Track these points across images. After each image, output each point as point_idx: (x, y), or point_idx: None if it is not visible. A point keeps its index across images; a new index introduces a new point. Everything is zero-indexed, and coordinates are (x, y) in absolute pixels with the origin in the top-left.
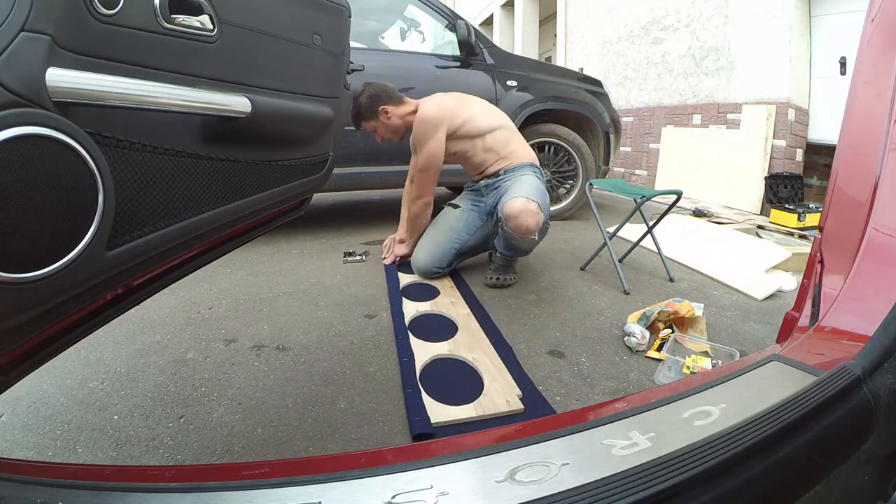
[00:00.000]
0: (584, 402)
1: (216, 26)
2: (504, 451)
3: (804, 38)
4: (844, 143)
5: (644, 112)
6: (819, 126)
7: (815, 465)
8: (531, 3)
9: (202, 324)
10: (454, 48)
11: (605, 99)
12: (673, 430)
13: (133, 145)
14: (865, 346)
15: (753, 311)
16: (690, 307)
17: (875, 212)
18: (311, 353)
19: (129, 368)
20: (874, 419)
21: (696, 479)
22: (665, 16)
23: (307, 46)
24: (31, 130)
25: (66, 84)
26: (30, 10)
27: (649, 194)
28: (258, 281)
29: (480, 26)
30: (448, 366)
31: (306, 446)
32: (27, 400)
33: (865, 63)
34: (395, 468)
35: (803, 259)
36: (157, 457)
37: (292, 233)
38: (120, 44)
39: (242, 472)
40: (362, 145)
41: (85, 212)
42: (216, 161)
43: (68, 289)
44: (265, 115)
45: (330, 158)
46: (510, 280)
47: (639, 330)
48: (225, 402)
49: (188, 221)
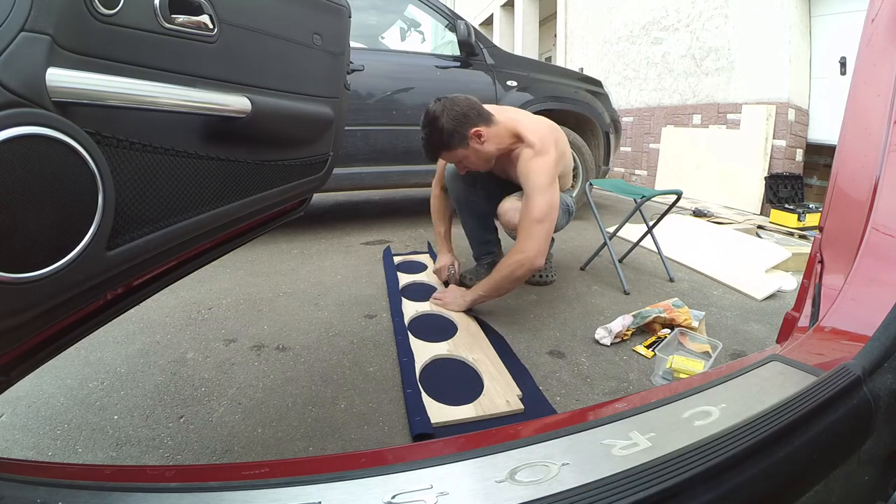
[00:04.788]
0: (584, 402)
1: (216, 26)
2: (504, 451)
3: (804, 38)
4: (844, 143)
5: (644, 112)
6: (819, 126)
7: (815, 465)
8: (531, 3)
9: (202, 324)
10: (454, 48)
11: (605, 99)
12: (673, 430)
13: (133, 145)
14: (865, 346)
15: (753, 311)
16: (688, 316)
17: (875, 212)
18: (311, 353)
19: (129, 368)
20: (874, 419)
21: (696, 479)
22: (665, 16)
23: (307, 46)
24: (31, 130)
25: (66, 84)
26: (30, 10)
27: (649, 194)
28: (258, 281)
29: (480, 26)
30: (448, 366)
31: (306, 446)
32: (27, 400)
33: (865, 63)
34: (395, 468)
35: (803, 259)
36: (157, 457)
37: (292, 233)
38: (120, 44)
39: (242, 472)
40: (362, 145)
41: (85, 212)
42: (216, 161)
43: (68, 289)
44: (265, 115)
45: (330, 158)
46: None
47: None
48: (225, 402)
49: (188, 221)
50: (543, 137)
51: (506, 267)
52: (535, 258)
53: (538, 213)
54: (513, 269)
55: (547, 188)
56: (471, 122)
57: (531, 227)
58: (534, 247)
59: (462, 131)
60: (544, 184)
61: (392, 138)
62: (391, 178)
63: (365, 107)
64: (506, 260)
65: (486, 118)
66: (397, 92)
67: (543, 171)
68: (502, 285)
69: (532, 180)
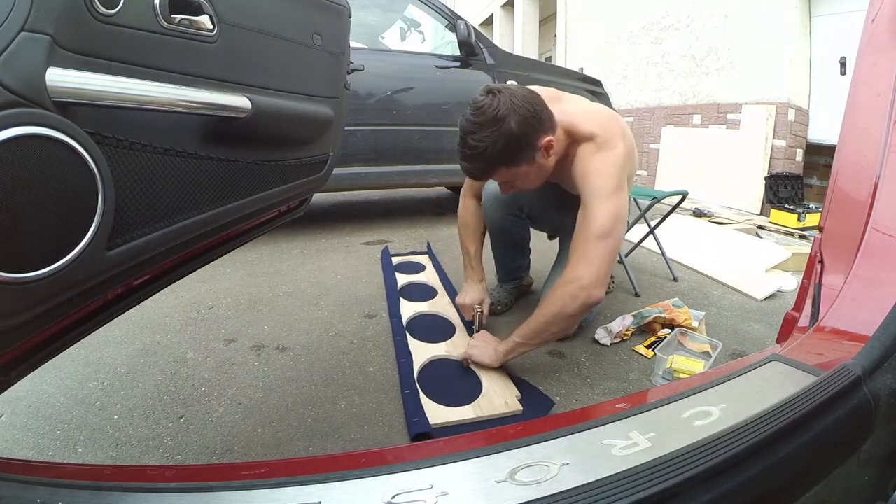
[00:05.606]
0: (584, 402)
1: (216, 26)
2: (504, 452)
3: (804, 38)
4: (844, 143)
5: (644, 112)
6: (819, 126)
7: (815, 465)
8: (531, 3)
9: (202, 324)
10: (454, 48)
11: (606, 99)
12: (673, 430)
13: (133, 145)
14: (865, 346)
15: (753, 311)
16: (688, 316)
17: (875, 212)
18: (311, 353)
19: (129, 368)
20: (874, 419)
21: (696, 479)
22: (665, 16)
23: (307, 46)
24: (31, 130)
25: (66, 84)
26: (30, 10)
27: (659, 196)
28: (258, 281)
29: (480, 26)
30: (446, 367)
31: (306, 446)
32: (27, 400)
33: (865, 63)
34: (395, 468)
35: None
36: (157, 457)
37: (292, 233)
38: (120, 43)
39: (242, 472)
40: (362, 145)
41: (85, 212)
42: (216, 161)
43: (68, 289)
44: (265, 114)
45: (330, 158)
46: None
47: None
48: (225, 402)
49: (188, 221)
50: (606, 126)
51: (553, 302)
52: (593, 288)
53: (599, 228)
54: (562, 305)
55: (612, 193)
56: (543, 127)
57: (589, 246)
58: (591, 272)
59: (533, 141)
60: (608, 188)
61: (392, 138)
62: (391, 178)
63: (365, 107)
64: (553, 293)
65: (552, 121)
66: (397, 92)
67: (607, 170)
68: (548, 329)
69: (592, 184)
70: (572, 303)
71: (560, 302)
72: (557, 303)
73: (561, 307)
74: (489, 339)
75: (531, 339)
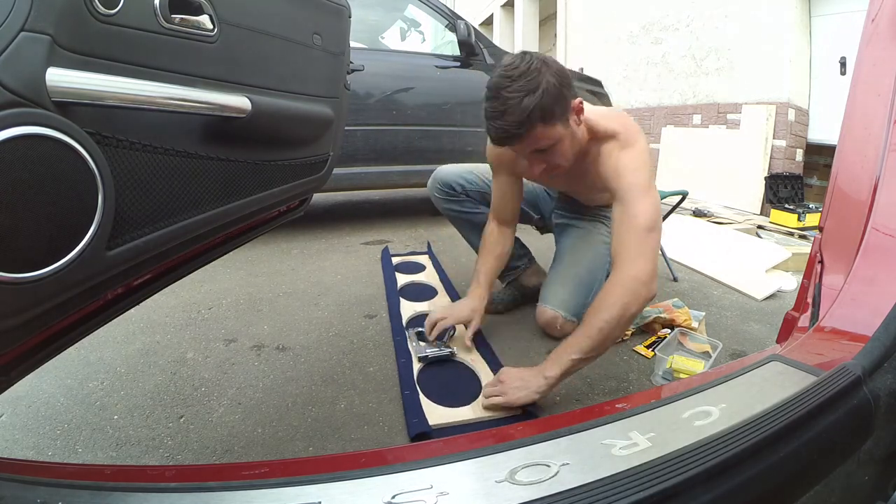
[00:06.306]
0: (584, 402)
1: (216, 26)
2: (504, 451)
3: (804, 38)
4: (844, 143)
5: (644, 112)
6: (819, 126)
7: (815, 465)
8: (531, 3)
9: (202, 324)
10: (454, 48)
11: (606, 99)
12: (673, 430)
13: (133, 145)
14: (865, 346)
15: (753, 311)
16: (688, 316)
17: (875, 212)
18: (311, 353)
19: (129, 368)
20: (874, 419)
21: (697, 479)
22: (665, 16)
23: (307, 46)
24: (31, 130)
25: (66, 84)
26: (30, 9)
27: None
28: (258, 281)
29: (480, 26)
30: (445, 367)
31: (306, 446)
32: (27, 400)
33: (865, 63)
34: (395, 468)
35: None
36: (157, 457)
37: (292, 233)
38: (120, 43)
39: (242, 472)
40: (362, 145)
41: (85, 211)
42: (216, 161)
43: (68, 289)
44: (265, 114)
45: (330, 158)
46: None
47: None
48: (225, 402)
49: (188, 221)
50: (625, 123)
51: (613, 304)
52: (652, 282)
53: (647, 221)
54: (625, 305)
55: (648, 187)
56: (573, 89)
57: (641, 240)
58: (649, 267)
59: (568, 97)
60: (644, 182)
61: (392, 138)
62: (391, 178)
63: (365, 107)
64: (609, 293)
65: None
66: (397, 92)
67: (638, 165)
68: (612, 334)
69: (628, 179)
70: (635, 301)
71: (622, 301)
72: (619, 303)
73: (624, 308)
74: (519, 371)
75: (593, 352)
